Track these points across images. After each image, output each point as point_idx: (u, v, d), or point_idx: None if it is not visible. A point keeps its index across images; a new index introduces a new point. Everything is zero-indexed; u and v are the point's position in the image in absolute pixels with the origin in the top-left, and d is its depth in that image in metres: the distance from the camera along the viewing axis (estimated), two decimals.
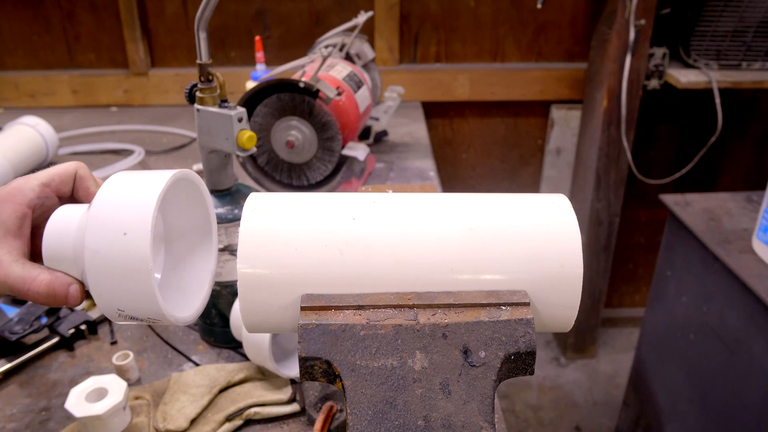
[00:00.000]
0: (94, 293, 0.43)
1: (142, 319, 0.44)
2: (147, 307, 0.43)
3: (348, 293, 0.41)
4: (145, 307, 0.43)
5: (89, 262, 0.42)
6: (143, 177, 0.45)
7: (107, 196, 0.43)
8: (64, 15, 1.78)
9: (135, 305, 0.43)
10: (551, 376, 2.09)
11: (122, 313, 0.44)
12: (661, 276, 1.43)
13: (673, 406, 1.39)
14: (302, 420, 0.73)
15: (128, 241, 0.41)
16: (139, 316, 0.44)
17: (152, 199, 0.42)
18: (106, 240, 0.42)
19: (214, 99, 0.81)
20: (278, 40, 1.83)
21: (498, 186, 2.06)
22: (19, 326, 0.83)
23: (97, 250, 0.42)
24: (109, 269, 0.42)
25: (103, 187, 0.44)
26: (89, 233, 0.42)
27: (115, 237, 0.41)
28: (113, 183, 0.44)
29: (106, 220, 0.42)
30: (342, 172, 1.17)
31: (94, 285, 0.42)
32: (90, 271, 0.42)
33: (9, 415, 0.73)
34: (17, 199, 0.46)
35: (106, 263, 0.42)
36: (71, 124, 1.66)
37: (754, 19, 1.70)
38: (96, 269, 0.42)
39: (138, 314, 0.43)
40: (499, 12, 1.82)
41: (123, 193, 0.43)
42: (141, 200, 0.42)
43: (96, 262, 0.42)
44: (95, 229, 0.42)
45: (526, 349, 0.40)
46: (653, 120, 1.95)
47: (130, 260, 0.41)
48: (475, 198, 0.44)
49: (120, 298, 0.43)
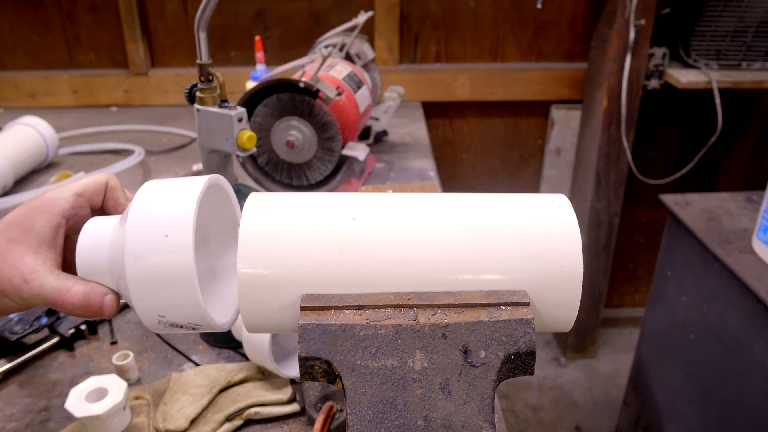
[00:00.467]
0: (135, 300, 0.42)
1: (183, 326, 0.43)
2: (189, 312, 0.42)
3: (348, 293, 0.41)
4: (188, 311, 0.42)
5: (130, 267, 0.41)
6: (178, 183, 0.44)
7: (144, 201, 0.43)
8: (64, 15, 1.78)
9: (177, 310, 0.42)
10: (551, 376, 2.09)
11: (162, 320, 0.43)
12: (661, 276, 1.43)
13: (673, 406, 1.39)
14: (302, 420, 0.73)
15: (170, 243, 0.41)
16: (180, 322, 0.43)
17: (192, 201, 0.42)
18: (148, 244, 0.41)
19: (214, 99, 0.81)
20: (278, 40, 1.83)
21: (498, 186, 2.06)
22: (19, 326, 0.83)
23: (139, 255, 0.41)
24: (151, 274, 0.41)
25: (139, 194, 0.44)
26: (129, 238, 0.41)
27: (157, 240, 0.41)
28: (149, 189, 0.44)
29: (146, 224, 0.41)
30: (342, 172, 1.17)
31: (135, 291, 0.42)
32: (131, 277, 0.41)
33: (9, 415, 0.73)
34: (52, 209, 0.46)
35: (148, 268, 0.41)
36: (71, 124, 1.66)
37: (754, 19, 1.70)
38: (137, 275, 0.41)
39: (179, 320, 0.43)
40: (499, 12, 1.82)
41: (160, 198, 0.43)
42: (180, 202, 0.42)
43: (137, 268, 0.41)
44: (135, 234, 0.41)
45: (526, 349, 0.40)
46: (653, 120, 1.95)
47: (173, 263, 0.41)
48: (475, 198, 0.44)
49: (162, 304, 0.42)
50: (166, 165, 1.43)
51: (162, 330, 0.44)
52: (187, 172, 1.38)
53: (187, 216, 0.41)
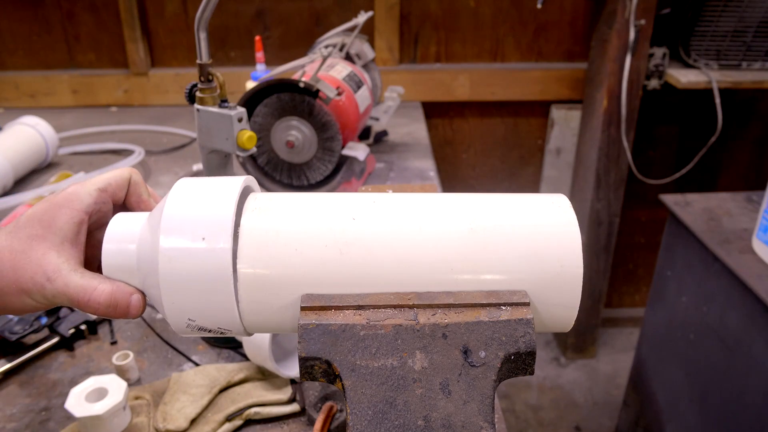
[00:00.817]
0: (166, 302, 0.41)
1: (211, 330, 0.42)
2: (222, 317, 0.41)
3: (348, 293, 0.41)
4: (220, 316, 0.41)
5: (164, 268, 0.40)
6: (213, 183, 0.43)
7: (180, 201, 0.42)
8: (64, 15, 1.78)
9: (209, 314, 0.41)
10: (551, 376, 2.09)
11: (191, 324, 0.42)
12: (661, 276, 1.43)
13: (673, 406, 1.39)
14: (302, 420, 0.73)
15: (207, 245, 0.40)
16: (210, 326, 0.42)
17: (230, 203, 0.41)
18: (184, 245, 0.40)
19: (214, 99, 0.81)
20: (278, 40, 1.83)
21: (498, 186, 2.06)
22: (19, 326, 0.83)
23: (174, 256, 0.40)
24: (186, 276, 0.40)
25: (173, 193, 0.42)
26: (164, 238, 0.40)
27: (194, 242, 0.40)
28: (183, 189, 0.43)
29: (183, 224, 0.40)
30: (342, 172, 1.17)
31: (167, 293, 0.40)
32: (165, 278, 0.40)
33: (9, 415, 0.73)
34: (75, 205, 0.44)
35: (183, 269, 0.40)
36: (71, 124, 1.66)
37: (754, 19, 1.70)
38: (171, 276, 0.40)
39: (209, 324, 0.42)
40: (499, 12, 1.82)
41: (197, 198, 0.42)
42: (218, 204, 0.41)
43: (172, 268, 0.40)
44: (171, 234, 0.40)
45: (526, 349, 0.40)
46: (653, 120, 1.95)
47: (210, 265, 0.40)
48: (474, 198, 0.44)
49: (193, 307, 0.41)
50: (166, 165, 1.43)
51: (188, 333, 0.43)
52: (187, 172, 1.38)
53: (226, 219, 0.40)
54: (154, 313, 0.91)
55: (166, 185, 1.32)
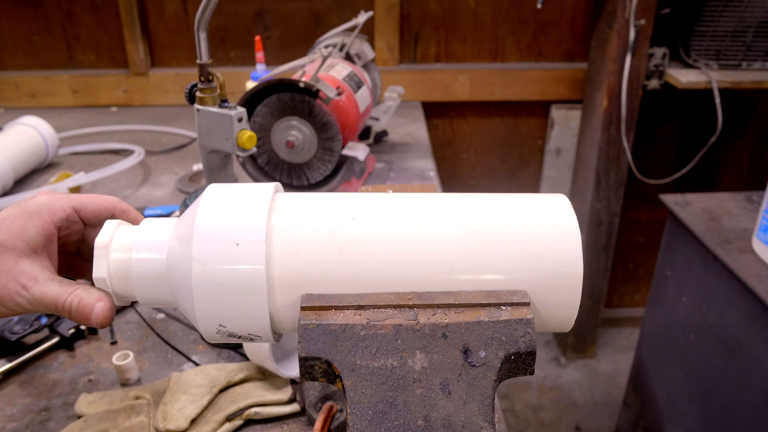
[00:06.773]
0: (198, 308, 0.41)
1: (241, 336, 0.42)
2: (254, 323, 0.41)
3: (348, 293, 0.41)
4: (252, 322, 0.41)
5: (197, 274, 0.40)
6: (244, 189, 0.44)
7: (212, 207, 0.42)
8: (64, 15, 1.78)
9: (241, 320, 0.41)
10: (551, 376, 2.09)
11: (222, 330, 0.42)
12: (661, 276, 1.43)
13: (673, 406, 1.39)
14: (302, 420, 0.73)
15: (242, 251, 0.40)
16: (240, 332, 0.42)
17: (263, 209, 0.41)
18: (218, 251, 0.40)
19: (214, 99, 0.81)
20: (278, 40, 1.83)
21: (498, 186, 2.06)
22: (19, 326, 0.83)
23: (207, 262, 0.40)
24: (219, 282, 0.40)
25: (204, 199, 0.43)
26: (197, 245, 0.40)
27: (228, 248, 0.40)
28: (214, 195, 0.43)
29: (216, 231, 0.41)
30: (342, 172, 1.17)
31: (200, 299, 0.40)
32: (198, 284, 0.40)
33: (9, 415, 0.73)
34: (45, 217, 0.45)
35: (216, 276, 0.40)
36: (71, 124, 1.66)
37: (754, 19, 1.70)
38: (205, 282, 0.40)
39: (240, 330, 0.42)
40: (499, 12, 1.82)
41: (229, 204, 0.42)
42: (250, 210, 0.41)
43: (205, 275, 0.40)
44: (203, 240, 0.40)
45: (526, 349, 0.40)
46: (653, 120, 1.95)
47: (245, 272, 0.40)
48: (475, 198, 0.44)
49: (226, 313, 0.41)
50: (166, 165, 1.43)
51: (217, 339, 0.43)
52: (187, 172, 1.38)
53: (259, 225, 0.41)
54: (155, 313, 0.91)
55: (166, 185, 1.32)
